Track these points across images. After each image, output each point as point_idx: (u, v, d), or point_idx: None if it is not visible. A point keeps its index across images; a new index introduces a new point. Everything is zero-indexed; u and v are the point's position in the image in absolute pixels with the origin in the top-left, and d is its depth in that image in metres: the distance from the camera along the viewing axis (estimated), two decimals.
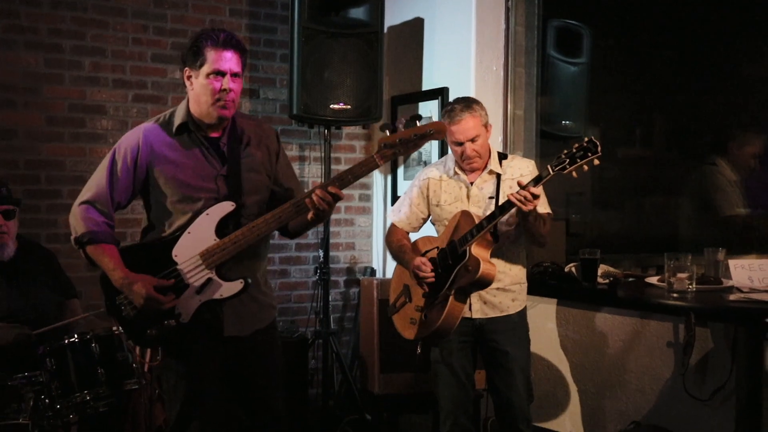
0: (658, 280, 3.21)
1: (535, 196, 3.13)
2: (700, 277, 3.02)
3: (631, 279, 3.75)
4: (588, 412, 4.12)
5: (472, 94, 4.52)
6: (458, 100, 3.54)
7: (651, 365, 3.84)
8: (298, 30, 4.59)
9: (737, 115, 5.26)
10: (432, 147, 5.01)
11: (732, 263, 3.07)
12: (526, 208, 3.15)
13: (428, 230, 3.71)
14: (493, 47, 4.76)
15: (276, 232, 3.10)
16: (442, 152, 4.85)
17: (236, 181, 2.92)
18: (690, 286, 2.93)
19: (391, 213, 3.79)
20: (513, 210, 3.22)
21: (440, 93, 4.92)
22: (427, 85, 5.09)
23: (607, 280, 3.98)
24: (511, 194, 3.17)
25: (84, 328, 3.59)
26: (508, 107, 4.79)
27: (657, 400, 3.80)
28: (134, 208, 4.03)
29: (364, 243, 5.56)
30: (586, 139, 3.11)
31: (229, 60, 2.85)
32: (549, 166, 3.15)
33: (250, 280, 2.89)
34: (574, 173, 3.12)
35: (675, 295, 2.92)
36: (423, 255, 3.53)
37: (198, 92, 2.89)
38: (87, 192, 2.94)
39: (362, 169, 2.88)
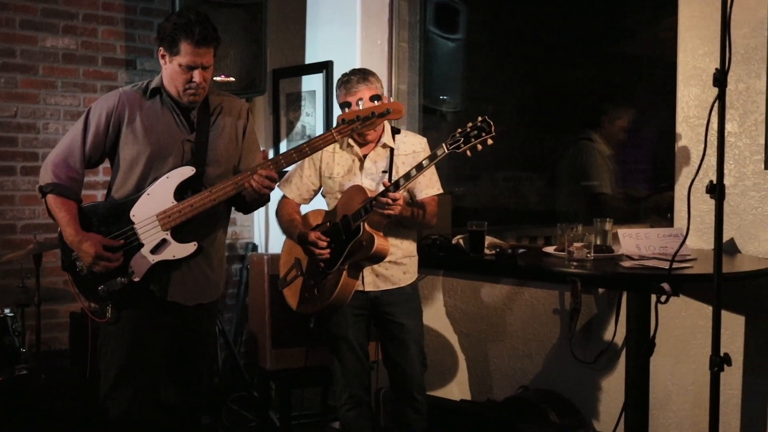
0: (555, 250, 3.34)
1: (395, 200, 3.21)
2: (595, 245, 3.17)
3: (521, 250, 3.88)
4: (477, 380, 4.25)
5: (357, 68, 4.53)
6: (354, 72, 3.54)
7: (538, 332, 4.01)
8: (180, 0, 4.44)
9: (608, 91, 5.50)
10: (317, 121, 4.99)
11: (621, 232, 3.22)
12: (387, 212, 3.23)
13: (318, 203, 3.70)
14: (377, 21, 4.78)
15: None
16: (327, 126, 4.84)
17: (202, 148, 3.04)
18: (588, 255, 3.07)
19: (281, 184, 3.71)
20: (407, 184, 3.26)
21: (324, 66, 4.90)
22: (310, 59, 5.05)
23: (493, 252, 4.09)
24: (374, 203, 3.23)
25: None
26: (392, 81, 4.83)
27: (544, 365, 3.97)
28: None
29: (246, 218, 5.47)
30: (480, 118, 3.19)
31: (203, 55, 2.94)
32: (444, 145, 3.21)
33: (204, 245, 3.01)
34: (468, 152, 3.19)
35: (575, 263, 3.05)
36: (314, 228, 3.52)
37: (170, 75, 2.99)
38: (60, 146, 3.06)
39: (319, 143, 3.01)
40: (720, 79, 2.61)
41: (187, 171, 3.00)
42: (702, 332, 3.46)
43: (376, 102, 3.02)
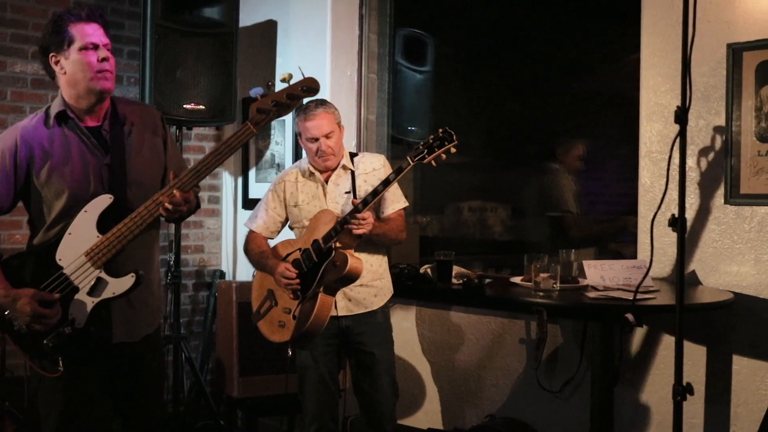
0: (522, 280, 3.40)
1: (365, 219, 3.27)
2: (561, 276, 3.24)
3: (492, 280, 3.94)
4: (445, 408, 4.28)
5: (327, 98, 4.58)
6: (311, 100, 3.61)
7: (504, 361, 4.05)
8: (151, 27, 4.45)
9: (566, 125, 5.63)
10: (285, 150, 5.02)
11: (585, 263, 3.30)
12: (359, 231, 3.29)
13: (286, 235, 3.72)
14: (347, 53, 4.85)
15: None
16: (296, 155, 4.87)
17: (120, 170, 2.80)
18: (555, 285, 3.14)
19: (248, 221, 3.75)
20: (375, 201, 3.32)
21: None
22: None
23: (461, 281, 4.14)
24: (350, 226, 3.28)
25: None
26: (361, 112, 4.90)
27: (511, 394, 4.02)
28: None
29: (214, 245, 5.47)
30: (440, 130, 3.27)
31: (97, 32, 2.76)
32: (408, 157, 3.29)
33: (142, 272, 2.76)
34: (432, 162, 3.27)
35: (541, 293, 3.11)
36: (284, 259, 3.55)
37: (73, 72, 2.74)
38: None
39: (237, 140, 2.78)
40: (681, 116, 2.70)
41: (104, 200, 2.74)
42: (665, 362, 3.53)
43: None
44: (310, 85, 2.79)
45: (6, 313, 2.72)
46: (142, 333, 2.91)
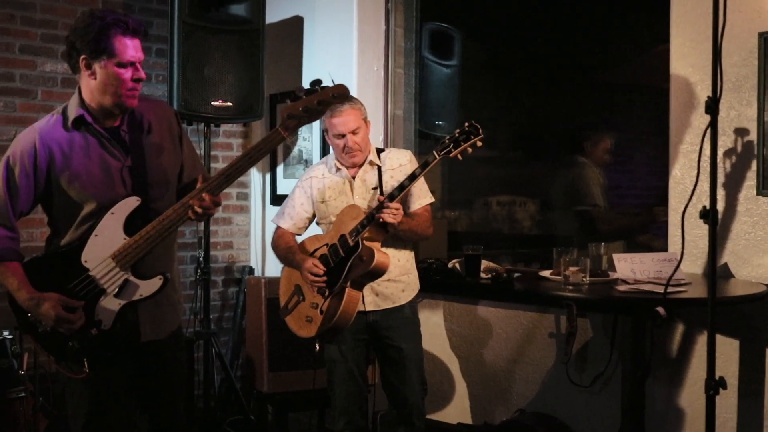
0: (552, 274, 3.38)
1: (396, 209, 3.27)
2: (591, 270, 3.21)
3: (516, 274, 3.92)
4: (474, 403, 4.27)
5: (354, 94, 4.56)
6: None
7: (534, 355, 4.03)
8: (179, 25, 4.49)
9: (594, 118, 5.59)
10: (313, 146, 5.03)
11: (615, 257, 3.27)
12: (390, 220, 3.28)
13: (314, 231, 3.73)
14: (373, 48, 4.84)
15: None
16: (324, 151, 4.88)
17: (142, 171, 2.78)
18: (584, 279, 3.11)
19: (275, 217, 3.77)
20: (401, 195, 3.32)
21: None
22: (307, 84, 5.07)
23: (489, 275, 4.13)
24: (381, 215, 3.27)
25: None
26: (388, 107, 4.89)
27: (541, 388, 4.00)
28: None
29: (242, 242, 5.50)
30: (466, 123, 3.26)
31: (137, 48, 2.71)
32: (434, 151, 3.29)
33: (169, 275, 2.77)
34: (459, 156, 3.26)
35: (571, 287, 3.09)
36: (312, 254, 3.55)
37: (104, 82, 2.69)
38: None
39: (267, 144, 2.75)
40: (712, 107, 2.67)
41: (132, 202, 2.73)
42: (697, 356, 3.49)
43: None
44: (341, 92, 2.75)
45: (29, 315, 2.72)
46: (168, 330, 2.93)
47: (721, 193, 3.39)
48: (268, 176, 5.37)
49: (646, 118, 5.32)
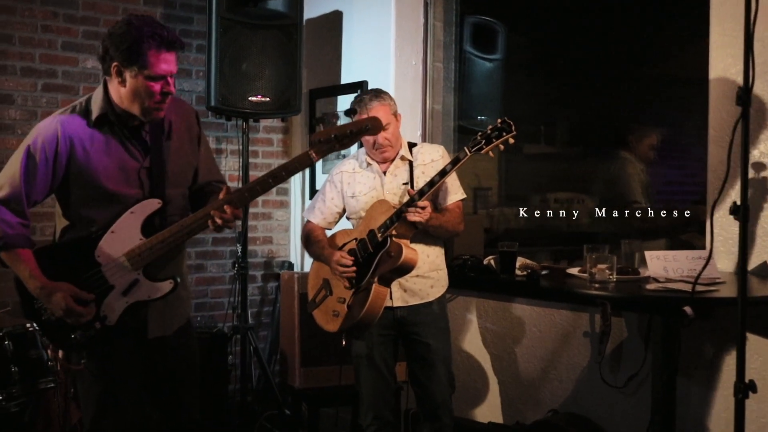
0: (579, 271, 3.29)
1: (423, 208, 3.23)
2: (619, 267, 3.12)
3: (549, 271, 3.83)
4: (507, 402, 4.20)
5: (391, 88, 4.56)
6: (366, 91, 3.62)
7: (568, 355, 3.94)
8: (216, 21, 4.52)
9: (640, 112, 5.44)
10: None
11: (648, 254, 3.17)
12: (416, 218, 3.24)
13: (343, 227, 3.70)
14: (412, 42, 4.80)
15: None
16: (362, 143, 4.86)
17: (161, 173, 2.79)
18: (611, 276, 3.02)
19: (306, 211, 3.79)
20: (431, 192, 3.27)
21: (359, 87, 4.91)
22: (345, 79, 5.08)
23: (525, 273, 4.04)
24: (407, 214, 3.23)
25: None
26: (427, 102, 4.85)
27: (574, 388, 3.90)
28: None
29: (282, 237, 5.51)
30: (499, 120, 3.21)
31: (171, 62, 2.70)
32: (466, 148, 3.25)
33: (179, 279, 2.79)
34: (490, 153, 3.21)
35: (597, 285, 3.00)
36: (340, 248, 3.53)
37: (133, 91, 2.69)
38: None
39: (295, 165, 2.74)
40: (743, 97, 2.55)
41: (153, 204, 2.75)
42: (732, 358, 3.36)
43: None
44: (375, 125, 2.74)
45: (35, 302, 2.74)
46: (176, 326, 2.93)
47: (754, 188, 3.26)
48: (307, 171, 5.37)
49: (694, 112, 5.17)
